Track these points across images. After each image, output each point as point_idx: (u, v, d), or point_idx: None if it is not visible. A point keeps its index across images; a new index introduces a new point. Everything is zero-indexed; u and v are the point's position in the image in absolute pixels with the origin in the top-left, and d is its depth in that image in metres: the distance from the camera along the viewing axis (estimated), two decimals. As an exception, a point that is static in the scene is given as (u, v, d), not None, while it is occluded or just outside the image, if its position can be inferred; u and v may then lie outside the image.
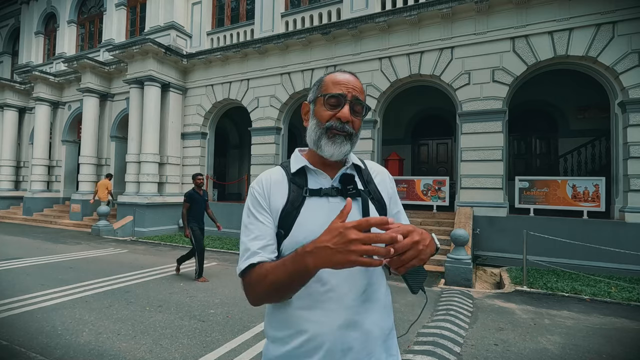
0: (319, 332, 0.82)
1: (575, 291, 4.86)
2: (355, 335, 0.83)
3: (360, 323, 0.84)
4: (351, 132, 0.91)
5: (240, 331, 3.45)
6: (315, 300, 0.83)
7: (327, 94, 0.90)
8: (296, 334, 0.84)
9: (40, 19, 15.04)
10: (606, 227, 6.15)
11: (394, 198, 1.03)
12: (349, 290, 0.84)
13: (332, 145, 0.89)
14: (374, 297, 0.89)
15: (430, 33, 7.80)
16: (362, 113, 0.93)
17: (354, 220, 0.66)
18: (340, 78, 0.92)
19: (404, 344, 3.17)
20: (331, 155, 0.90)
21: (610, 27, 6.33)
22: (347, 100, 0.89)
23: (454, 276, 5.28)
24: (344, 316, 0.83)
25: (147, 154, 10.03)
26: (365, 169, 1.01)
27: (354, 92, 0.90)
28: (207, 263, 6.55)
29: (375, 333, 0.87)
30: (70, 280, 5.10)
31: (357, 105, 0.91)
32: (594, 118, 9.28)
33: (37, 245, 7.96)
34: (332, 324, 0.82)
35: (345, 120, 0.89)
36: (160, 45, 9.96)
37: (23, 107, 14.96)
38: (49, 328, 3.40)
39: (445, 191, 7.92)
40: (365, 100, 0.94)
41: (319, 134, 0.91)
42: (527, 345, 3.24)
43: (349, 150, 0.92)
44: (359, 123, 0.93)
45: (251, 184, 0.95)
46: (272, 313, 0.91)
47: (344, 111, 0.89)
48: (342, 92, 0.89)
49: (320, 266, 0.69)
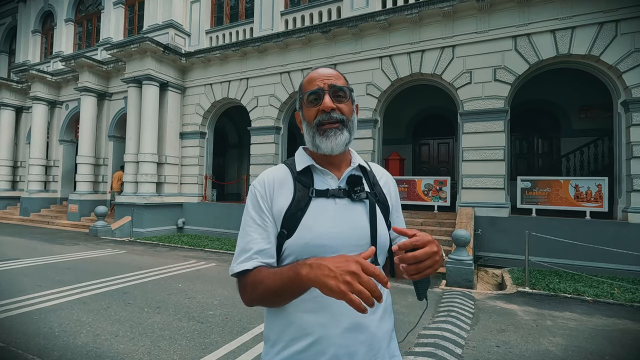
0: (324, 335, 0.82)
1: (577, 292, 4.86)
2: (362, 339, 0.83)
3: (366, 326, 0.84)
4: (342, 119, 0.90)
5: (239, 333, 3.45)
6: (321, 304, 0.83)
7: (305, 93, 0.92)
8: (299, 338, 0.83)
9: (37, 17, 15.03)
10: (609, 228, 6.15)
11: (395, 202, 1.04)
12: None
13: (327, 140, 0.89)
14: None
15: (432, 31, 7.80)
16: (347, 97, 0.92)
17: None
18: (313, 75, 0.93)
19: (404, 345, 3.16)
20: (331, 149, 0.90)
21: (613, 25, 6.33)
22: (325, 91, 0.90)
23: (455, 277, 5.28)
24: (350, 319, 0.83)
25: (145, 153, 10.03)
26: (370, 170, 1.01)
27: (329, 80, 0.91)
28: (206, 264, 6.56)
29: (379, 336, 0.87)
30: (68, 281, 5.10)
31: (337, 91, 0.91)
32: (597, 117, 9.28)
33: (35, 246, 7.96)
34: (338, 327, 0.82)
35: (329, 110, 0.89)
36: (159, 44, 9.96)
37: (20, 106, 14.96)
38: (47, 329, 3.40)
39: (446, 191, 7.92)
40: (346, 84, 0.94)
41: (312, 133, 0.91)
42: (529, 347, 3.24)
43: (347, 138, 0.91)
44: (347, 108, 0.92)
45: (253, 183, 0.94)
46: (274, 316, 0.90)
47: (325, 100, 0.89)
48: (318, 86, 0.90)
49: (312, 280, 0.68)
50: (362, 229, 0.89)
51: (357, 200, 0.91)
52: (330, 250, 0.84)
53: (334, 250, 0.84)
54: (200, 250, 7.96)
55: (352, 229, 0.87)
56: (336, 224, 0.87)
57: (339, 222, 0.87)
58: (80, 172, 11.91)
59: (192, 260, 6.90)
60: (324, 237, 0.83)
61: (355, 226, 0.88)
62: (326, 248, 0.83)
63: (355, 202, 0.91)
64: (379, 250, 0.89)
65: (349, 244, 0.86)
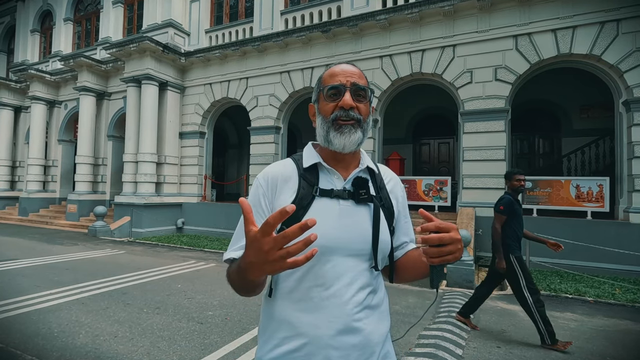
0: (316, 336, 0.82)
1: (578, 293, 4.87)
2: (355, 342, 0.83)
3: (360, 329, 0.84)
4: (359, 118, 0.89)
5: (239, 333, 3.45)
6: (316, 305, 0.83)
7: (326, 87, 0.91)
8: (292, 337, 0.83)
9: (36, 16, 15.04)
10: (610, 228, 6.15)
11: (403, 207, 1.02)
12: (351, 296, 0.84)
13: (341, 136, 0.88)
14: (374, 304, 0.89)
15: (432, 31, 7.80)
16: (367, 97, 0.92)
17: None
18: (336, 70, 0.92)
19: (405, 346, 3.17)
20: (343, 146, 0.89)
21: (614, 25, 6.33)
22: (347, 88, 0.89)
23: (456, 278, 5.29)
24: (344, 322, 0.83)
25: (144, 153, 10.03)
26: (378, 173, 1.00)
27: (352, 78, 0.90)
28: (205, 264, 6.56)
29: (374, 339, 0.86)
30: (67, 282, 5.10)
31: (358, 90, 0.90)
32: (598, 117, 9.29)
33: (33, 246, 7.96)
34: (331, 329, 0.82)
35: (348, 107, 0.88)
36: (158, 44, 9.97)
37: (19, 106, 14.96)
38: (45, 330, 3.40)
39: (447, 191, 7.93)
40: (367, 84, 0.93)
41: (327, 128, 0.90)
42: (530, 348, 3.25)
43: (360, 137, 0.90)
44: (365, 108, 0.91)
45: (257, 176, 0.94)
46: (268, 312, 0.90)
47: (345, 98, 0.88)
48: (340, 82, 0.90)
49: (260, 277, 0.70)
50: (363, 232, 0.88)
51: (362, 203, 0.90)
52: (329, 252, 0.84)
53: (333, 252, 0.84)
54: (199, 251, 7.96)
55: (353, 232, 0.87)
56: (338, 226, 0.86)
57: (341, 224, 0.86)
58: (79, 172, 11.91)
59: (191, 260, 6.90)
60: (325, 238, 0.82)
61: (357, 229, 0.87)
62: (326, 249, 0.83)
63: (359, 204, 0.90)
64: (379, 255, 0.89)
65: (349, 247, 0.86)
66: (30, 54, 15.18)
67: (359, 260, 0.87)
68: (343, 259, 0.85)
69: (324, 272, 0.84)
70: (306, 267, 0.83)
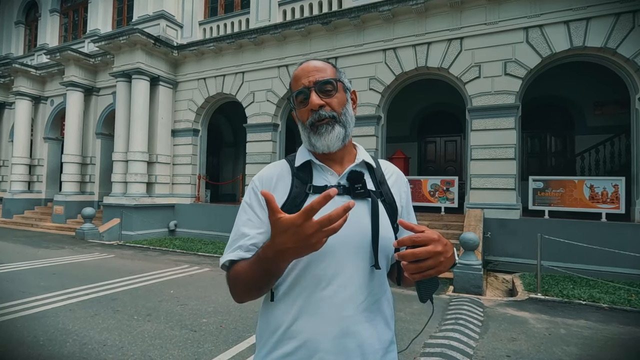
0: (313, 339, 0.82)
1: (593, 299, 4.87)
2: (352, 346, 0.83)
3: (359, 333, 0.84)
4: (332, 115, 0.90)
5: (234, 342, 3.45)
6: (314, 307, 0.84)
7: (293, 94, 0.94)
8: (288, 340, 0.84)
9: (20, 7, 15.06)
10: (626, 230, 6.15)
11: (407, 204, 1.03)
12: (350, 298, 0.84)
13: (320, 137, 0.90)
14: (375, 307, 0.88)
15: (438, 23, 7.80)
16: (335, 89, 0.92)
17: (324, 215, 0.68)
18: (298, 73, 0.94)
19: (409, 355, 3.17)
20: (327, 147, 0.90)
21: (630, 16, 6.33)
22: (311, 88, 0.90)
23: (464, 283, 5.29)
24: (342, 324, 0.83)
25: (135, 152, 10.03)
26: (378, 168, 1.00)
27: (314, 76, 0.91)
28: (199, 269, 6.57)
29: (374, 345, 0.86)
30: (53, 287, 5.10)
31: (323, 86, 0.91)
32: (613, 114, 9.29)
33: (18, 250, 7.96)
34: (328, 332, 0.82)
35: (317, 108, 0.89)
36: (149, 36, 9.97)
37: (2, 102, 14.98)
38: (31, 338, 3.40)
39: (453, 192, 7.93)
40: (334, 74, 0.93)
41: (307, 133, 0.93)
42: (541, 357, 3.25)
43: (341, 132, 0.91)
44: (337, 101, 0.92)
45: (253, 178, 0.97)
46: (265, 316, 0.91)
47: (311, 100, 0.90)
48: (303, 85, 0.91)
49: (288, 263, 0.76)
50: (362, 229, 0.88)
51: (359, 198, 0.90)
52: (327, 251, 0.83)
53: (331, 250, 0.84)
54: (193, 255, 7.97)
55: (351, 229, 0.86)
56: None
57: None
58: (66, 172, 11.92)
59: (184, 264, 6.91)
60: None
61: (355, 226, 0.87)
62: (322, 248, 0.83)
63: (356, 200, 0.89)
64: (381, 253, 0.89)
65: (348, 245, 0.86)
66: (15, 47, 15.19)
67: (358, 259, 0.87)
68: (341, 258, 0.85)
69: (320, 271, 0.84)
70: (302, 266, 0.84)
